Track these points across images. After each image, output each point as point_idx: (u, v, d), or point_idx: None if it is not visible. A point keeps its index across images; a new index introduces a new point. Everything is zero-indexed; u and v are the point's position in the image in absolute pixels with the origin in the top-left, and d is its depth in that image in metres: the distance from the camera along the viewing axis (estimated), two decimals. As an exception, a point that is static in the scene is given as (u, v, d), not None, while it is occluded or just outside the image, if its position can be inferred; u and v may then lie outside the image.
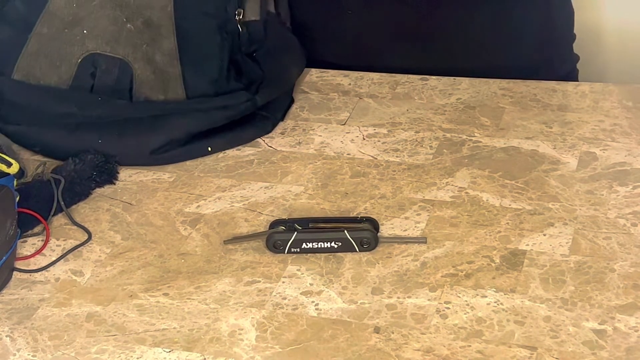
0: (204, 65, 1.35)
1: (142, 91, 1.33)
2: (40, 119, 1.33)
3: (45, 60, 1.32)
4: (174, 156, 1.33)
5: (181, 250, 1.18)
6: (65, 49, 1.32)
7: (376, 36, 1.54)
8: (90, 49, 1.32)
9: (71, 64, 1.32)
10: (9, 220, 1.12)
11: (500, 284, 1.09)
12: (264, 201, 1.25)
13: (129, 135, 1.32)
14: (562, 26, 1.58)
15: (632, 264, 1.10)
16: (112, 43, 1.32)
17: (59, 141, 1.33)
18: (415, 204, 1.22)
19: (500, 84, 1.45)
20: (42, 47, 1.32)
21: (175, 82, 1.34)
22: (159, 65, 1.33)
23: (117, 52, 1.32)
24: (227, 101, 1.35)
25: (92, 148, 1.32)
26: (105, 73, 1.32)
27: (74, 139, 1.32)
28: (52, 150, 1.34)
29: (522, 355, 1.00)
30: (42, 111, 1.33)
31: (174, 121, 1.33)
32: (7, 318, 1.09)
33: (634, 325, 1.02)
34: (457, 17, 1.51)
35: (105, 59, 1.32)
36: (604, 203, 1.20)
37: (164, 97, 1.34)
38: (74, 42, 1.32)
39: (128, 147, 1.32)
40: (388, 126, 1.38)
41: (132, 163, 1.33)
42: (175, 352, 1.03)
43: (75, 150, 1.32)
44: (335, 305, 1.08)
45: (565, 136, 1.33)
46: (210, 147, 1.35)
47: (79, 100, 1.32)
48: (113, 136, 1.32)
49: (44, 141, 1.34)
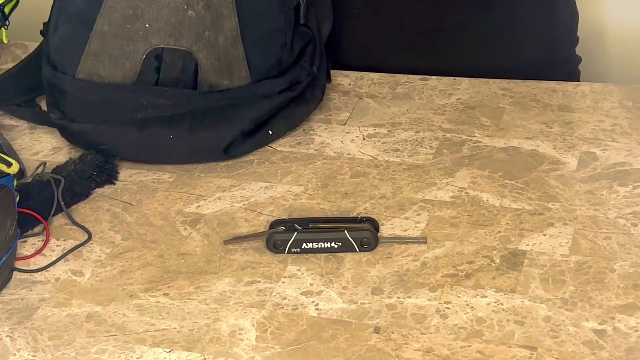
0: (267, 43, 1.33)
1: (207, 78, 1.31)
2: (107, 115, 1.31)
3: (109, 59, 1.30)
4: (245, 150, 1.33)
5: (181, 250, 1.18)
6: (128, 45, 1.30)
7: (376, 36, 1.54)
8: (153, 43, 1.30)
9: (135, 61, 1.30)
10: (9, 220, 1.12)
11: (500, 284, 1.09)
12: (264, 201, 1.25)
13: (199, 130, 1.30)
14: (565, 28, 1.57)
15: (632, 264, 1.10)
16: (175, 35, 1.30)
17: (128, 138, 1.31)
18: (415, 204, 1.22)
19: (500, 84, 1.45)
20: (105, 46, 1.30)
21: (240, 65, 1.31)
22: (223, 49, 1.30)
23: (180, 44, 1.30)
24: (292, 79, 1.34)
25: (162, 147, 1.31)
26: (169, 66, 1.30)
27: (144, 136, 1.31)
28: (121, 148, 1.32)
29: (522, 355, 1.00)
30: (108, 107, 1.31)
31: (241, 112, 1.31)
32: (7, 318, 1.09)
33: (634, 325, 1.02)
34: (458, 18, 1.51)
35: (169, 52, 1.30)
36: (604, 203, 1.20)
37: (229, 82, 1.32)
38: (137, 38, 1.30)
39: (200, 140, 1.31)
40: (388, 126, 1.38)
41: (206, 160, 1.32)
42: (175, 352, 1.03)
43: (144, 147, 1.31)
44: (335, 305, 1.08)
45: (565, 136, 1.33)
46: (271, 131, 1.34)
47: (146, 92, 1.30)
48: (184, 131, 1.30)
49: (112, 139, 1.32)
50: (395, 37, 1.53)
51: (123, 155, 1.33)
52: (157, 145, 1.32)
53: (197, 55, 1.30)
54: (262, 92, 1.33)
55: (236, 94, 1.32)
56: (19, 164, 1.29)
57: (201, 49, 1.30)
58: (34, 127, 1.43)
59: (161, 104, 1.31)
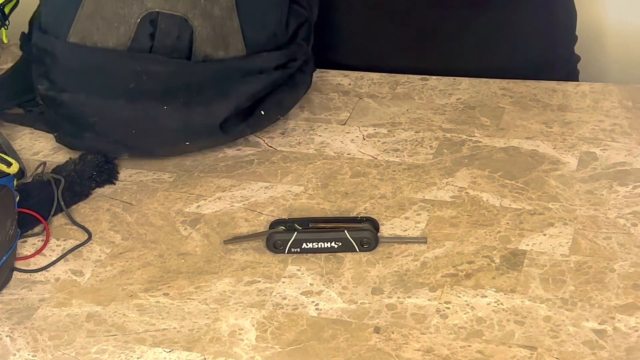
0: (262, 17, 1.32)
1: (203, 49, 1.29)
2: (98, 83, 1.29)
3: (103, 22, 1.28)
4: (240, 131, 1.31)
5: (181, 250, 1.18)
6: (123, 8, 1.28)
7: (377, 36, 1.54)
8: (149, 7, 1.28)
9: (130, 24, 1.28)
10: (9, 220, 1.12)
11: (500, 284, 1.09)
12: (264, 201, 1.25)
13: (194, 103, 1.28)
14: (564, 28, 1.57)
15: (632, 264, 1.10)
16: (171, 0, 1.28)
17: (119, 111, 1.28)
18: (415, 204, 1.22)
19: (500, 84, 1.45)
20: (99, 8, 1.28)
21: (235, 37, 1.30)
22: (218, 20, 1.29)
23: (176, 10, 1.28)
24: (288, 55, 1.33)
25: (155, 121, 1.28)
26: (164, 33, 1.28)
27: (136, 109, 1.28)
28: (112, 122, 1.29)
29: (522, 355, 1.00)
30: (101, 73, 1.28)
31: (237, 85, 1.30)
32: (7, 318, 1.09)
33: (634, 325, 1.02)
34: (458, 17, 1.51)
35: (164, 17, 1.28)
36: (604, 203, 1.20)
37: (224, 54, 1.30)
38: (132, 1, 1.28)
39: (195, 115, 1.29)
40: (388, 126, 1.38)
41: (202, 139, 1.30)
42: (175, 352, 1.03)
43: (137, 121, 1.28)
44: (335, 305, 1.08)
45: (565, 136, 1.33)
46: (263, 111, 1.32)
47: (140, 58, 1.28)
48: (178, 104, 1.28)
49: (103, 111, 1.29)
50: (395, 37, 1.53)
51: (114, 130, 1.30)
52: (150, 120, 1.29)
53: (193, 23, 1.28)
54: (258, 66, 1.32)
55: (232, 65, 1.31)
56: (19, 163, 1.29)
57: (197, 17, 1.28)
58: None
59: (156, 72, 1.28)
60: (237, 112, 1.31)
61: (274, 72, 1.33)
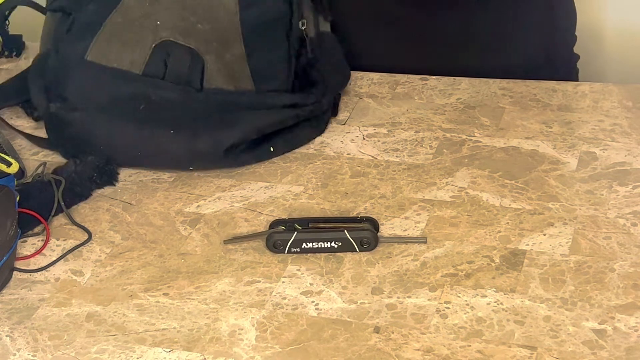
0: (272, 71, 1.35)
1: (213, 82, 1.32)
2: (110, 103, 1.31)
3: (120, 44, 1.31)
4: (244, 161, 1.32)
5: (181, 250, 1.18)
6: (139, 34, 1.31)
7: (376, 36, 1.54)
8: (164, 36, 1.31)
9: (145, 48, 1.31)
10: (9, 220, 1.12)
11: (500, 283, 1.09)
12: (264, 201, 1.25)
13: (201, 132, 1.30)
14: (564, 27, 1.58)
15: (632, 263, 1.10)
16: (184, 35, 1.32)
17: (127, 133, 1.31)
18: (415, 204, 1.22)
19: (500, 84, 1.45)
20: (117, 33, 1.31)
21: (246, 81, 1.33)
22: (229, 63, 1.32)
23: (189, 43, 1.31)
24: (297, 99, 1.35)
25: (161, 145, 1.30)
26: (177, 60, 1.31)
27: (142, 131, 1.30)
28: (118, 143, 1.31)
29: (522, 355, 1.00)
30: (113, 93, 1.31)
31: (245, 116, 1.32)
32: (7, 318, 1.09)
33: (634, 325, 1.02)
34: (457, 17, 1.51)
35: (178, 47, 1.31)
36: (603, 203, 1.20)
37: (234, 89, 1.33)
38: (149, 30, 1.31)
39: (201, 142, 1.30)
40: (388, 126, 1.38)
41: (206, 164, 1.31)
42: (175, 352, 1.03)
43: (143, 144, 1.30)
44: (335, 305, 1.08)
45: (565, 136, 1.33)
46: (272, 148, 1.34)
47: (151, 82, 1.31)
48: (184, 130, 1.30)
49: (111, 131, 1.31)
50: (395, 37, 1.53)
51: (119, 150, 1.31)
52: (156, 144, 1.31)
53: (205, 57, 1.31)
54: (267, 103, 1.33)
55: (241, 98, 1.33)
56: (19, 164, 1.29)
57: (209, 53, 1.32)
58: (34, 127, 1.43)
59: (165, 97, 1.30)
60: (244, 143, 1.32)
61: (282, 110, 1.34)
